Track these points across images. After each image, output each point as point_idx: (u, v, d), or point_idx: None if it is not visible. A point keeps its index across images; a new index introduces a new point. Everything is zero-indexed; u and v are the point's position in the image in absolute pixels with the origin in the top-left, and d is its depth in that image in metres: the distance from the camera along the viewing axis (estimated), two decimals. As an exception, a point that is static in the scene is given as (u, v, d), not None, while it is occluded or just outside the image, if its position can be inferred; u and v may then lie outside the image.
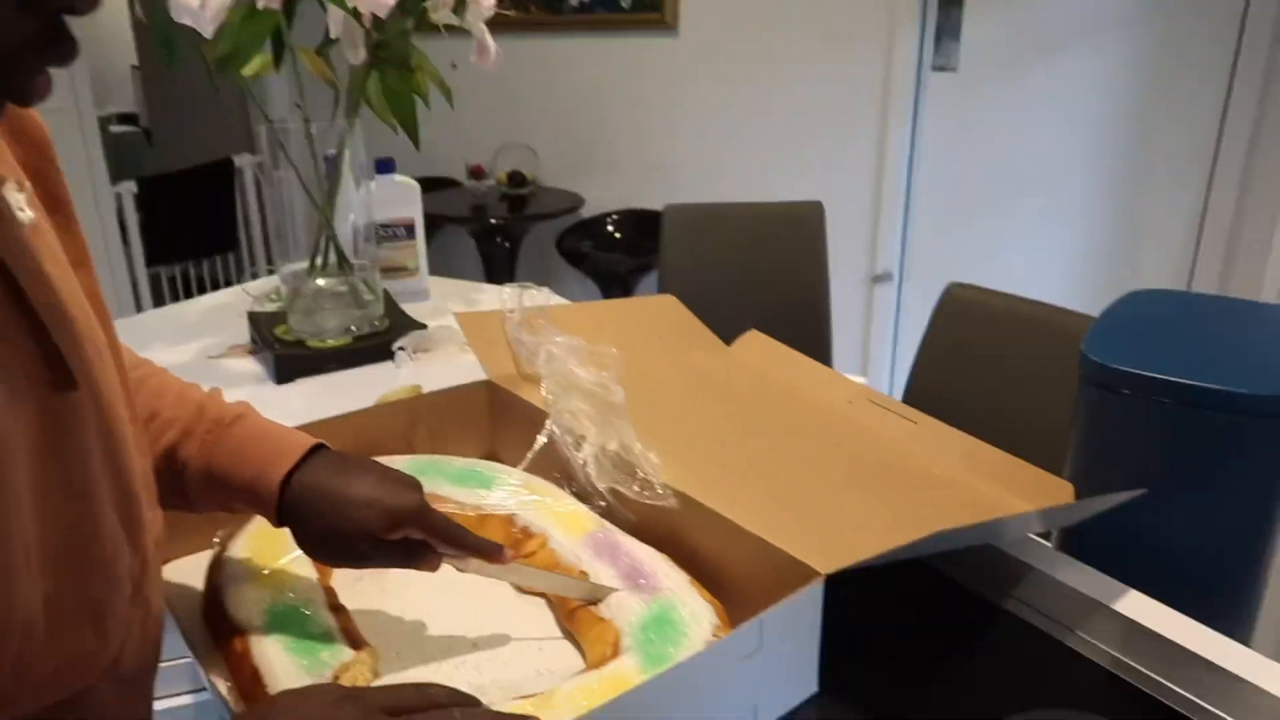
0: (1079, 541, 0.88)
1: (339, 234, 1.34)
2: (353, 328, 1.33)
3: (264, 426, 0.71)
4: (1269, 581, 0.83)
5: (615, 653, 0.66)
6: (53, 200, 0.54)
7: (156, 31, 1.13)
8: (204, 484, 0.69)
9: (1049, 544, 0.87)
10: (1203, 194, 2.21)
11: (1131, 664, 0.73)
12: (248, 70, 1.14)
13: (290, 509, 0.67)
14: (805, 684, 0.68)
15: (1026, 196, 2.59)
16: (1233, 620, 0.83)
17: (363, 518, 0.65)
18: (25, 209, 0.48)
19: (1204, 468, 0.79)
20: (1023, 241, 2.62)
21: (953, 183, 2.69)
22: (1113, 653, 0.74)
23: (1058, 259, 2.58)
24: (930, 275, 2.72)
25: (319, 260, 1.33)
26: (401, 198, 1.56)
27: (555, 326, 1.02)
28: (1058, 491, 0.85)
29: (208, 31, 1.09)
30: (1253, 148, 2.10)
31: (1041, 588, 0.81)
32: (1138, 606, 0.76)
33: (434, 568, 0.69)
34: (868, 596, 0.81)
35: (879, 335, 2.91)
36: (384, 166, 1.53)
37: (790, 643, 0.65)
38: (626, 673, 0.63)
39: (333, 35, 1.18)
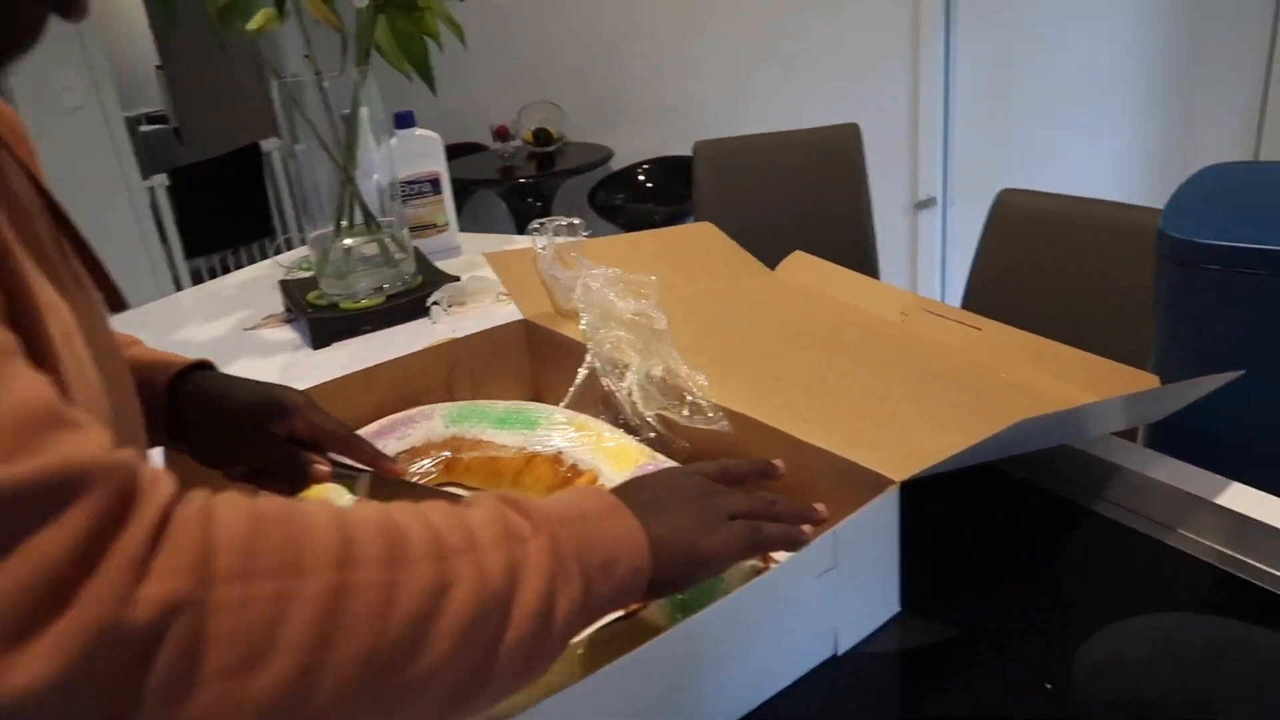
0: (1168, 436, 0.82)
1: (363, 194, 1.30)
2: (385, 286, 1.29)
3: (153, 351, 0.71)
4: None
5: None
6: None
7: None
8: None
9: (1135, 442, 0.81)
10: (1263, 69, 2.07)
11: (1241, 558, 0.67)
12: (252, 24, 1.10)
13: (178, 408, 0.67)
14: (887, 603, 0.64)
15: (1072, 102, 2.46)
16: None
17: (246, 403, 0.66)
18: None
19: (1307, 342, 0.72)
20: (1071, 150, 2.50)
21: (993, 97, 2.57)
22: (1219, 548, 0.68)
23: (1110, 163, 2.46)
24: (975, 198, 2.61)
25: (345, 221, 1.29)
26: (424, 152, 1.51)
27: (590, 260, 0.97)
28: (1141, 385, 0.79)
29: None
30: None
31: (1133, 487, 0.75)
32: (1241, 498, 0.70)
33: (322, 477, 0.67)
34: (948, 510, 0.76)
35: (926, 265, 2.81)
36: (403, 120, 1.49)
37: (868, 558, 0.60)
38: (654, 620, 0.58)
39: (335, -20, 1.14)
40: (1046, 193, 1.44)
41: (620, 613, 0.59)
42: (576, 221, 0.96)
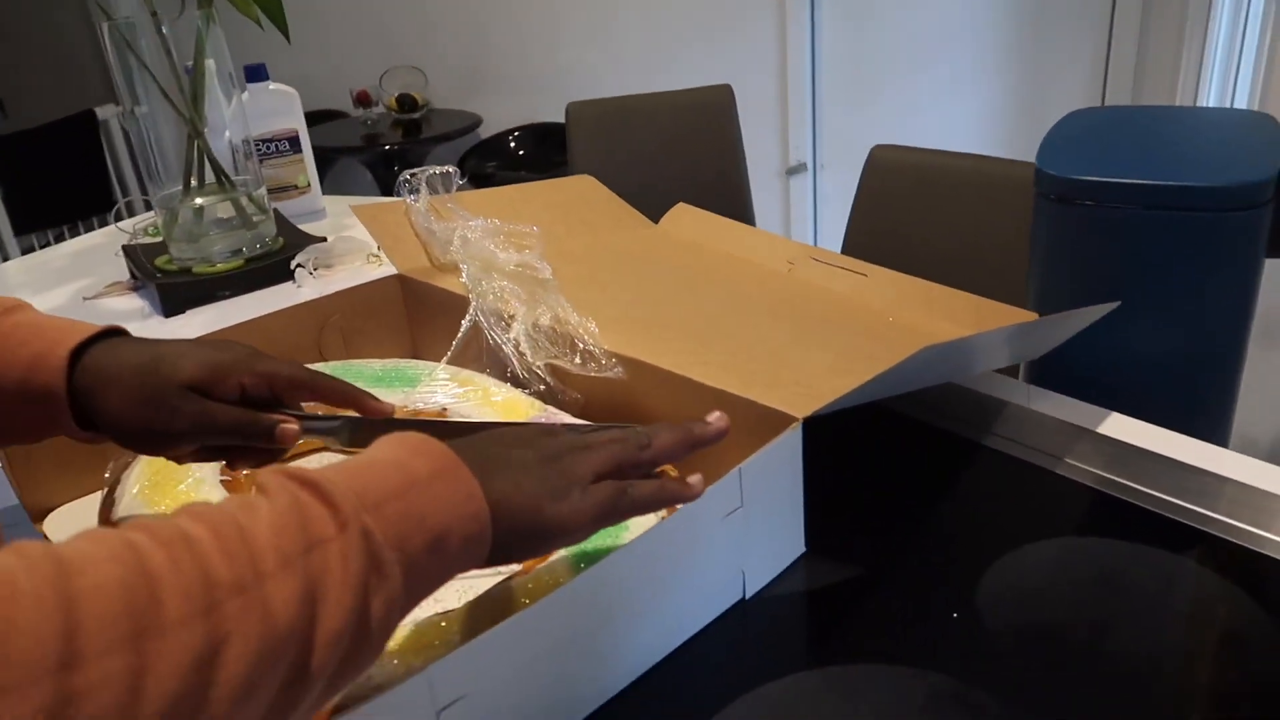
0: (1049, 373, 0.83)
1: (216, 154, 1.20)
2: (243, 249, 1.20)
3: (46, 318, 0.55)
4: (1242, 377, 0.80)
5: None
6: None
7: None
8: None
9: (1018, 380, 0.82)
10: (1106, 21, 2.18)
11: (1123, 482, 0.69)
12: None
13: (86, 389, 0.52)
14: (792, 543, 0.62)
15: (930, 63, 2.53)
16: (1212, 423, 0.80)
17: (179, 370, 0.52)
18: None
19: (1176, 272, 0.74)
20: (932, 110, 2.57)
21: (857, 61, 2.62)
22: (1103, 474, 0.70)
23: (969, 120, 2.55)
24: (845, 163, 2.66)
25: (194, 180, 1.19)
26: (280, 108, 1.42)
27: (467, 212, 0.93)
28: (1023, 321, 0.80)
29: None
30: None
31: (1020, 420, 0.76)
32: (1119, 426, 0.72)
33: (290, 438, 0.53)
34: (846, 452, 0.76)
35: (799, 231, 2.85)
36: (255, 73, 1.39)
37: (773, 497, 0.59)
38: (556, 572, 0.55)
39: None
40: (916, 148, 1.46)
41: (517, 566, 0.55)
42: (451, 170, 0.91)
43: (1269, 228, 0.74)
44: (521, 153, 3.09)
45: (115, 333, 0.55)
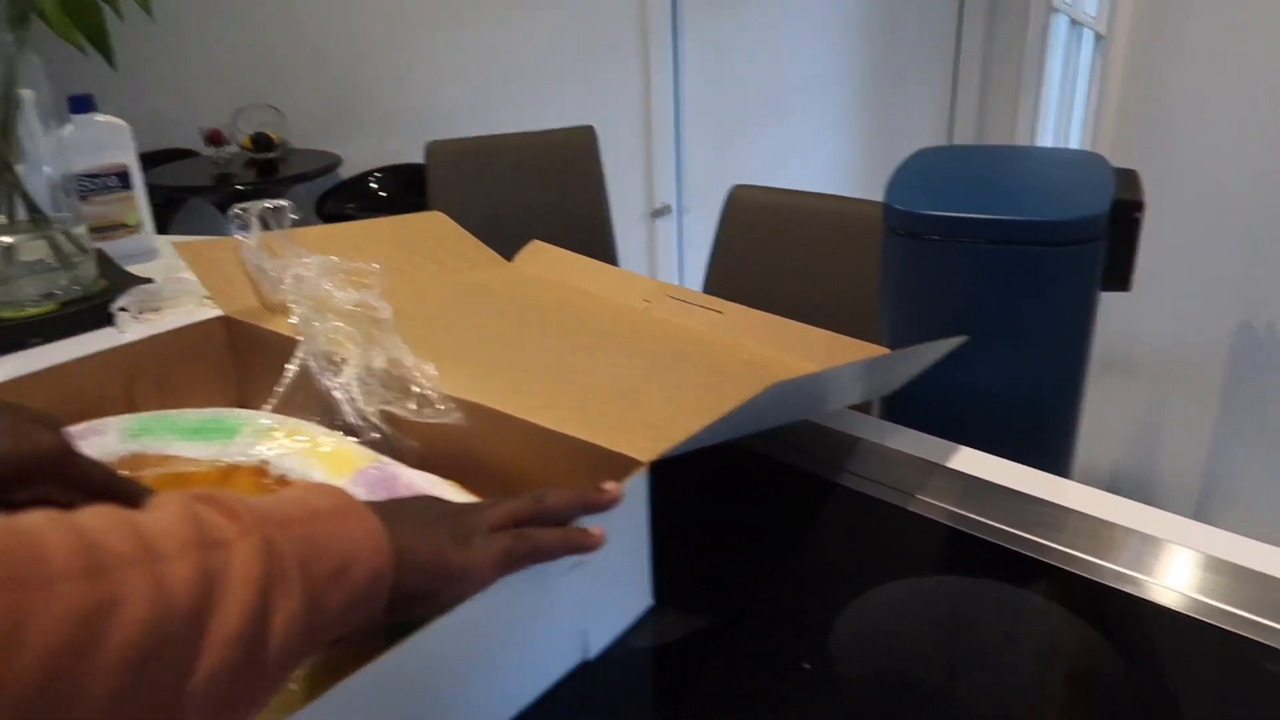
0: (903, 408, 0.83)
1: (32, 189, 1.10)
2: (58, 292, 1.10)
3: None
4: (1084, 409, 0.82)
5: None
6: None
7: None
8: None
9: (872, 415, 0.82)
10: (950, 71, 2.29)
11: (973, 517, 0.69)
12: None
13: None
14: (639, 597, 0.59)
15: (789, 112, 2.61)
16: (1056, 453, 0.81)
17: None
18: None
19: (1019, 304, 0.75)
20: (792, 157, 2.64)
21: (721, 109, 2.67)
22: (954, 509, 0.70)
23: (826, 165, 2.63)
24: (708, 206, 2.70)
25: (3, 216, 1.09)
26: (108, 141, 1.32)
27: (304, 249, 0.87)
28: (874, 355, 0.80)
29: None
30: (990, 26, 2.19)
31: (873, 457, 0.75)
32: (968, 461, 0.73)
33: None
34: (699, 493, 0.73)
35: (665, 274, 2.87)
36: (80, 104, 1.29)
37: (617, 548, 0.55)
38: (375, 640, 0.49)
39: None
40: (774, 188, 1.48)
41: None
42: (284, 204, 0.85)
43: (1102, 261, 0.76)
44: (383, 194, 3.00)
45: None
